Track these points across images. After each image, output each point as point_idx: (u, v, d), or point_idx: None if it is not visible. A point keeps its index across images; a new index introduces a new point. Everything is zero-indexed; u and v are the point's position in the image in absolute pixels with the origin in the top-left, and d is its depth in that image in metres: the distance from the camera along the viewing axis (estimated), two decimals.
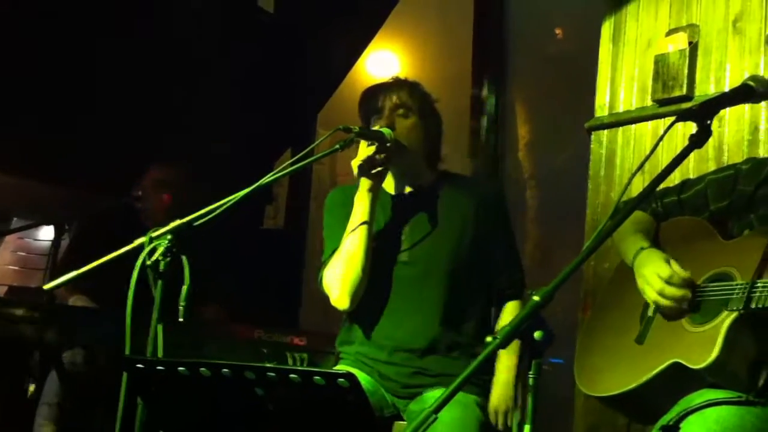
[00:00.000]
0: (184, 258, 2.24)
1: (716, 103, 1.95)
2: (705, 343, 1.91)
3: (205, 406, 1.92)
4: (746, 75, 2.75)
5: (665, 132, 1.90)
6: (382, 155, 2.64)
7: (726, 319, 1.91)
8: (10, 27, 4.06)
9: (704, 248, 2.14)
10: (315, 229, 5.23)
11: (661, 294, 2.07)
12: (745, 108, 2.76)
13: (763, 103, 2.70)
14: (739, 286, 1.93)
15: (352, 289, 2.64)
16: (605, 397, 2.16)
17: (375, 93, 2.78)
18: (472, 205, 2.73)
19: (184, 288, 2.21)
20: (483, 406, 2.54)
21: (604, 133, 3.25)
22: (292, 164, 2.50)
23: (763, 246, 1.95)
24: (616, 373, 2.13)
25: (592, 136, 3.29)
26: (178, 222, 2.28)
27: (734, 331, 1.89)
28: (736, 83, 2.70)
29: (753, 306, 1.87)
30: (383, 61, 6.07)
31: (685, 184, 2.33)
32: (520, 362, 2.53)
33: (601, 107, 3.28)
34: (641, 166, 1.93)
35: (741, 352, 1.90)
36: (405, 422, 2.63)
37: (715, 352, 1.88)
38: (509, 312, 2.73)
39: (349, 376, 1.70)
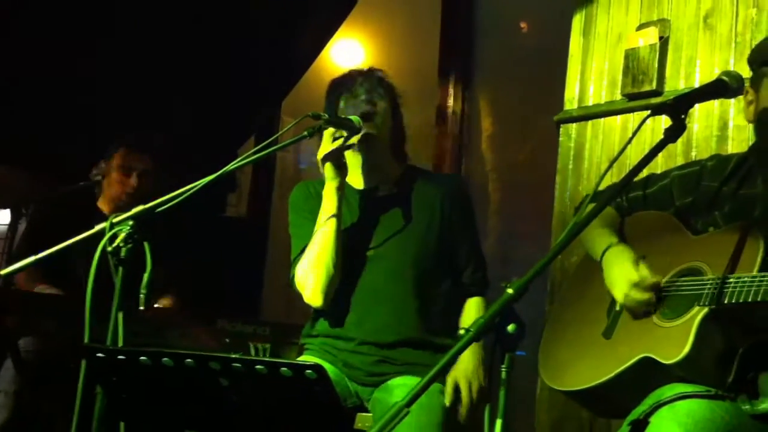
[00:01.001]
0: (146, 244, 2.20)
1: (691, 98, 1.95)
2: (677, 338, 1.91)
3: (167, 397, 1.87)
4: (716, 71, 2.77)
5: (640, 125, 1.90)
6: (346, 148, 2.61)
7: (698, 315, 1.91)
8: None
9: (673, 243, 2.14)
10: (278, 217, 5.19)
11: (626, 298, 2.08)
12: (715, 104, 2.77)
13: (732, 100, 2.71)
14: (710, 282, 1.93)
15: (324, 286, 2.63)
16: (572, 392, 2.15)
17: (346, 78, 2.76)
18: (438, 201, 2.73)
19: (146, 275, 2.17)
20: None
21: (573, 127, 3.25)
22: (258, 151, 2.46)
23: (734, 241, 1.95)
24: (583, 367, 2.12)
25: (561, 130, 3.28)
26: (140, 208, 2.24)
27: (706, 326, 1.89)
28: (706, 79, 2.73)
29: (725, 301, 1.87)
30: (349, 50, 6.03)
31: (650, 179, 2.33)
32: (487, 356, 2.53)
33: (571, 100, 3.28)
34: (614, 161, 1.93)
35: (711, 347, 1.90)
36: (367, 414, 2.63)
37: (687, 347, 1.87)
38: (471, 308, 2.74)
39: (317, 368, 1.67)
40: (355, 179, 2.79)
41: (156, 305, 3.49)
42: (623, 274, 2.09)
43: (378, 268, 2.67)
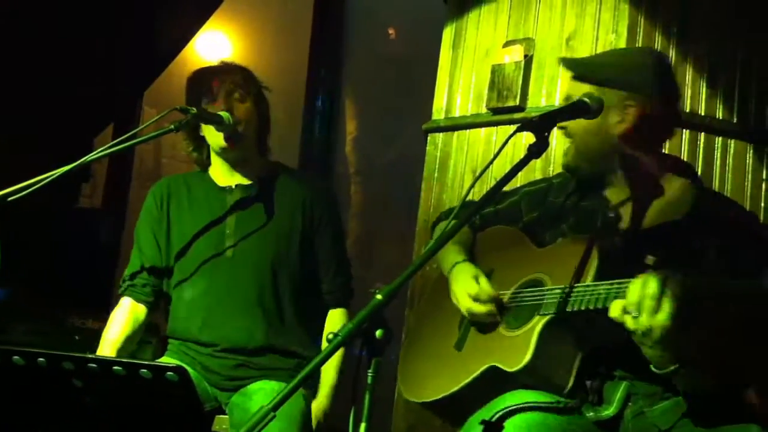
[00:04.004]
0: None
1: (554, 117, 2.03)
2: (519, 347, 1.98)
3: (15, 397, 1.78)
4: None
5: (506, 141, 1.95)
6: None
7: (538, 324, 1.99)
8: None
9: (519, 256, 2.22)
10: (135, 210, 5.01)
11: (469, 311, 2.15)
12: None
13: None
14: (549, 292, 2.02)
15: None
16: (426, 403, 2.20)
17: (207, 75, 2.69)
18: (301, 201, 2.70)
19: None
20: (307, 397, 2.54)
21: (440, 136, 3.31)
22: (120, 143, 2.39)
23: (571, 253, 2.03)
24: (438, 378, 2.18)
25: (428, 138, 3.34)
26: None
27: (545, 334, 1.97)
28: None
29: (561, 310, 1.95)
30: (216, 43, 5.94)
31: (502, 195, 2.42)
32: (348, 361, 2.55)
33: (438, 110, 3.34)
34: (481, 175, 2.00)
35: (552, 354, 1.98)
36: (226, 416, 2.59)
37: (528, 355, 1.94)
38: (333, 320, 2.71)
39: (179, 370, 1.63)
40: (218, 175, 2.73)
41: None
42: (464, 288, 2.17)
43: (236, 268, 2.62)
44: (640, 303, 1.74)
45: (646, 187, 2.10)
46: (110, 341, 2.61)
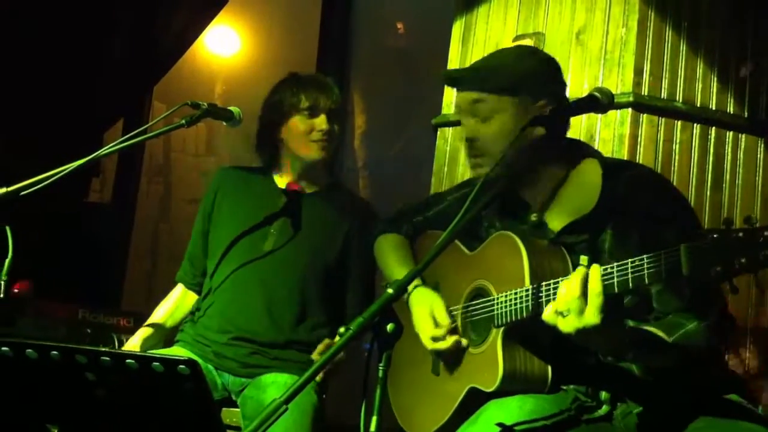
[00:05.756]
0: (8, 228, 2.13)
1: (565, 111, 2.03)
2: (489, 364, 1.97)
3: (27, 390, 1.79)
4: (585, 85, 2.88)
5: (518, 136, 1.95)
6: None
7: (497, 338, 1.98)
8: None
9: (456, 264, 2.18)
10: (144, 205, 5.05)
11: (432, 350, 2.11)
12: (582, 118, 2.88)
13: (599, 115, 2.82)
14: (496, 301, 1.99)
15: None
16: None
17: (308, 86, 2.77)
18: (346, 224, 2.78)
19: (7, 261, 2.10)
20: (318, 391, 2.57)
21: (449, 131, 3.30)
22: (131, 137, 2.42)
23: (499, 254, 2.03)
24: (427, 409, 2.17)
25: (438, 133, 3.34)
26: (3, 190, 2.16)
27: (507, 346, 1.95)
28: (576, 93, 2.85)
29: (507, 321, 1.94)
30: (224, 38, 5.96)
31: (428, 204, 2.44)
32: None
33: (448, 105, 3.33)
34: (492, 171, 1.96)
35: (522, 358, 1.96)
36: (234, 409, 2.62)
37: (500, 371, 1.93)
38: None
39: (190, 363, 1.64)
40: (281, 179, 2.82)
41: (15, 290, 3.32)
42: (425, 327, 2.12)
43: (269, 267, 2.69)
44: (568, 304, 1.69)
45: (557, 178, 2.07)
46: (152, 321, 2.81)
